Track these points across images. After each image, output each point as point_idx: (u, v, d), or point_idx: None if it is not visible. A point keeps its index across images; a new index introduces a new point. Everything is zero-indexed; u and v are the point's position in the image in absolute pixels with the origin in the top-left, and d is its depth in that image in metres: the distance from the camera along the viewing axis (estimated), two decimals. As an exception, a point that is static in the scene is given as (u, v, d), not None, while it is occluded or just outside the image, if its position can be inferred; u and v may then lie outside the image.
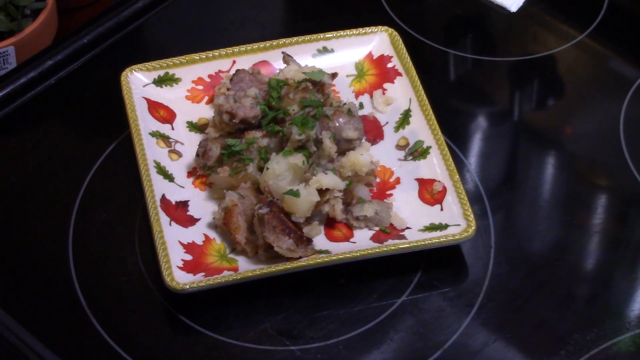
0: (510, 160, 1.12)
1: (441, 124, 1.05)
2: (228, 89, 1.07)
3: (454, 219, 0.98)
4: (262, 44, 1.14)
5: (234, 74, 1.08)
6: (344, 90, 1.13)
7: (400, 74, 1.12)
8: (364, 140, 1.05)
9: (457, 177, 1.00)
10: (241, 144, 1.01)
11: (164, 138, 1.06)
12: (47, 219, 1.03)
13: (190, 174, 1.04)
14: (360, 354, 0.92)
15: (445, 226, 0.97)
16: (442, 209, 0.99)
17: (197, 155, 1.03)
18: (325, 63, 1.13)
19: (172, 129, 1.08)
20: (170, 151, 1.05)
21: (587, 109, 1.18)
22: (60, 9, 1.30)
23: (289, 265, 0.93)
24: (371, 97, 1.12)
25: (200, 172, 1.03)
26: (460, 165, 1.07)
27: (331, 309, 0.95)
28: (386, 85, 1.12)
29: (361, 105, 1.11)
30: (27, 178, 1.07)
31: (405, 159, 1.06)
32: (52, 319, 0.95)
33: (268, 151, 1.01)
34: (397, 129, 1.08)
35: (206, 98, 1.11)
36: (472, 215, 0.97)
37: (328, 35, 1.15)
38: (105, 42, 1.21)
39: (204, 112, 1.10)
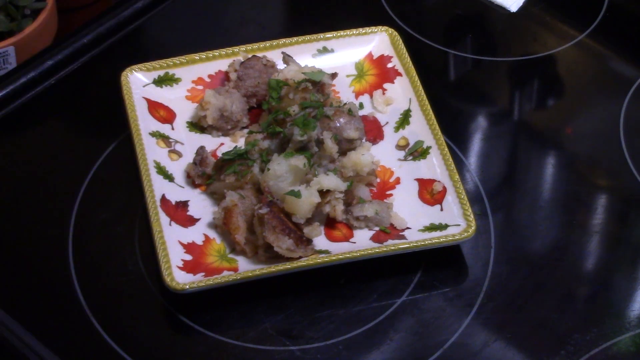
0: (510, 160, 1.12)
1: (441, 124, 1.05)
2: (236, 70, 1.09)
3: (454, 219, 0.98)
4: (262, 44, 1.13)
5: (248, 59, 1.09)
6: (344, 91, 1.13)
7: (400, 74, 1.12)
8: (364, 140, 1.05)
9: (457, 177, 1.00)
10: (239, 147, 1.02)
11: (164, 138, 1.06)
12: (47, 219, 1.03)
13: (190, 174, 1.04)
14: (360, 354, 0.92)
15: (445, 226, 0.97)
16: (442, 209, 0.99)
17: (194, 163, 1.02)
18: (325, 63, 1.13)
19: (172, 129, 1.08)
20: (170, 151, 1.05)
21: (587, 109, 1.18)
22: (60, 9, 1.30)
23: (289, 265, 0.93)
24: (371, 97, 1.12)
25: (199, 181, 1.02)
26: (460, 165, 1.07)
27: (331, 309, 0.95)
28: (386, 86, 1.12)
29: (361, 105, 1.11)
30: (27, 178, 1.07)
31: (405, 159, 1.06)
32: (52, 319, 0.95)
33: (269, 152, 1.01)
34: (397, 129, 1.08)
35: (206, 98, 1.11)
36: (472, 215, 0.97)
37: (328, 35, 1.15)
38: (105, 42, 1.21)
39: (204, 112, 1.10)
